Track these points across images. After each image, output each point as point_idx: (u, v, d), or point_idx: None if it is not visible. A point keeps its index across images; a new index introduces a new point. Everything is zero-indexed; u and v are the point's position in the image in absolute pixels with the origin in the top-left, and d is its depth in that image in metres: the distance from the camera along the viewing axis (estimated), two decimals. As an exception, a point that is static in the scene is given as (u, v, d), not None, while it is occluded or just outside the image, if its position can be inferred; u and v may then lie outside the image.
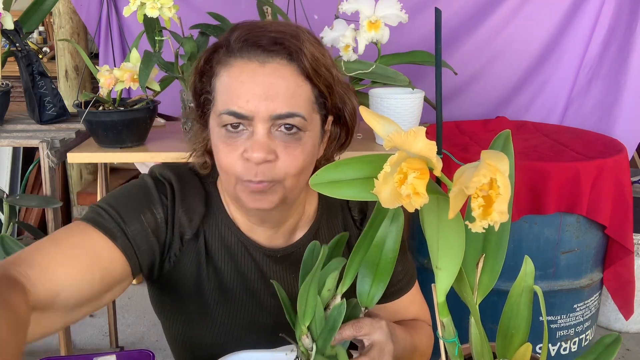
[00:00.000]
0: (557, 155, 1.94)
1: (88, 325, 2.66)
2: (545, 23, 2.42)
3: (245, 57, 0.86)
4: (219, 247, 1.01)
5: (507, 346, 0.77)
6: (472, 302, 0.72)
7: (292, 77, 0.86)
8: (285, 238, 1.04)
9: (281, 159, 0.87)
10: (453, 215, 0.61)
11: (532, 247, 1.90)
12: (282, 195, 0.90)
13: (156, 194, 0.96)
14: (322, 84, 0.89)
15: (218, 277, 1.01)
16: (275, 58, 0.86)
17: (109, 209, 0.92)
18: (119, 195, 0.96)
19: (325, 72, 0.89)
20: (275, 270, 1.03)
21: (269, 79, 0.85)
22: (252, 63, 0.86)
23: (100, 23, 2.53)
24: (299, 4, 1.91)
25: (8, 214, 1.62)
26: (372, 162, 0.69)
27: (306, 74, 0.87)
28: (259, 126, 0.86)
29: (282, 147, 0.87)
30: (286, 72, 0.86)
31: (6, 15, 1.62)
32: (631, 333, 2.60)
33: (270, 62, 0.85)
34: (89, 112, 1.64)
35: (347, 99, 0.95)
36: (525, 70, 2.49)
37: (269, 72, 0.85)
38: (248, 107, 0.85)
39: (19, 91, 1.91)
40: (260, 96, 0.84)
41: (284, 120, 0.86)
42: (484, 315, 0.79)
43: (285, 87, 0.85)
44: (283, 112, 0.85)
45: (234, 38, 0.88)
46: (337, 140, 0.99)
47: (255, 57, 0.86)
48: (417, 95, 1.77)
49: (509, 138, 0.72)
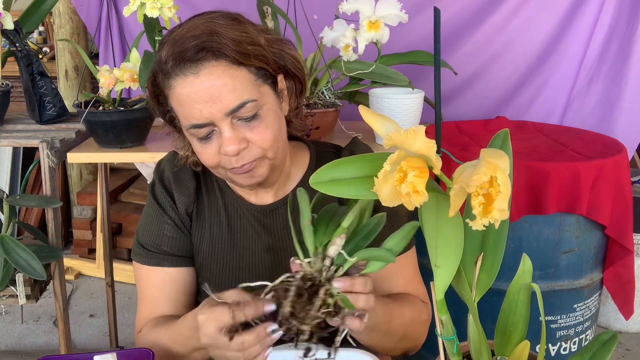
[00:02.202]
0: (557, 155, 1.94)
1: (88, 325, 2.66)
2: (545, 23, 2.42)
3: (181, 74, 0.94)
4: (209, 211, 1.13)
5: (505, 344, 0.77)
6: (470, 300, 0.72)
7: (226, 72, 0.93)
8: (276, 193, 1.13)
9: (252, 140, 0.97)
10: (453, 214, 0.62)
11: (532, 247, 1.90)
12: (269, 165, 1.01)
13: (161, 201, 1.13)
14: (255, 60, 0.95)
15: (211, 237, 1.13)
16: (204, 63, 0.93)
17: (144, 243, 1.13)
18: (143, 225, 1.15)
19: (252, 49, 0.95)
20: (266, 224, 1.12)
21: (207, 83, 0.93)
22: (188, 77, 0.93)
23: (100, 23, 2.53)
24: (299, 4, 1.91)
25: (8, 214, 1.62)
26: (372, 161, 0.69)
27: (236, 61, 0.94)
28: (221, 125, 0.95)
29: (249, 130, 0.96)
30: (218, 71, 0.93)
31: (6, 15, 1.62)
32: (631, 333, 2.60)
33: (201, 69, 0.93)
34: (89, 112, 1.64)
35: (284, 54, 1.02)
36: (525, 70, 2.49)
37: (205, 78, 0.93)
38: (204, 115, 0.94)
39: (19, 91, 1.91)
40: (208, 102, 0.93)
41: (238, 112, 0.95)
42: (483, 316, 0.79)
43: (224, 84, 0.93)
44: (234, 106, 0.94)
45: (164, 59, 0.95)
46: (295, 91, 1.06)
47: (187, 70, 0.93)
48: (417, 95, 1.77)
49: (507, 137, 0.72)
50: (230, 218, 1.13)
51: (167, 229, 1.12)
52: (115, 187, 3.24)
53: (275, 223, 1.13)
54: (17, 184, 3.18)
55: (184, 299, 1.13)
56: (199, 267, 1.14)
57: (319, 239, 0.82)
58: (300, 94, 1.08)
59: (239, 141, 0.95)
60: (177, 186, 1.13)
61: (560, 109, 2.50)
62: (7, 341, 2.56)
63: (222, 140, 0.96)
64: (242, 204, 1.13)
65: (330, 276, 0.81)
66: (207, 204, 1.14)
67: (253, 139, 0.97)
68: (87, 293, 2.94)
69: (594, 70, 2.42)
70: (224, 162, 0.99)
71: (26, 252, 1.55)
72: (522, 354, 0.77)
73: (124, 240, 3.10)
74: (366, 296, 0.83)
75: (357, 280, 0.82)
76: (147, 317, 1.12)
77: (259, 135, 0.97)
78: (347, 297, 0.81)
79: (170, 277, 1.12)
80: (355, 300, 0.82)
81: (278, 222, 1.13)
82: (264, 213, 1.12)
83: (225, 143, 0.95)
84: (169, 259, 1.12)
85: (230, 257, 1.12)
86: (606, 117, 2.38)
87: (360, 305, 0.82)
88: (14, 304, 1.65)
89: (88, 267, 3.11)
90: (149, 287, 1.13)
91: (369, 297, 0.84)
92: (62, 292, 1.71)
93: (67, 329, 1.77)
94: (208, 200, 1.14)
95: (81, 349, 2.48)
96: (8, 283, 1.61)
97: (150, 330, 1.08)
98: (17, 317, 2.72)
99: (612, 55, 2.36)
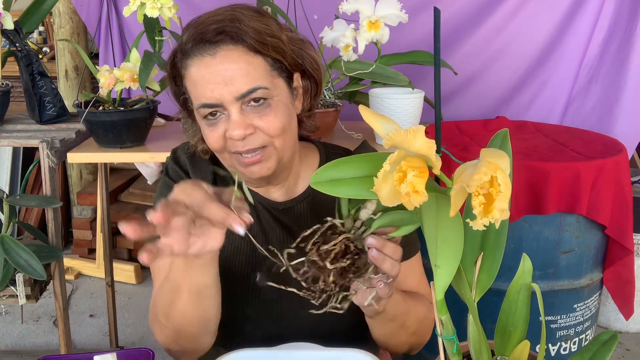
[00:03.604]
0: (557, 155, 1.94)
1: (88, 325, 2.67)
2: (545, 23, 2.42)
3: (198, 55, 0.97)
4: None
5: (505, 343, 0.77)
6: (470, 300, 0.72)
7: (242, 57, 0.96)
8: (286, 193, 1.13)
9: (260, 127, 0.98)
10: (454, 214, 0.62)
11: (532, 247, 1.90)
12: (276, 157, 1.02)
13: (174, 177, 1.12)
14: (272, 51, 0.98)
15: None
16: (222, 46, 0.95)
17: None
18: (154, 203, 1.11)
19: (271, 40, 0.97)
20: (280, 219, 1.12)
21: (222, 65, 0.95)
22: (205, 57, 0.96)
23: (100, 23, 2.53)
24: (299, 4, 1.91)
25: (8, 214, 1.63)
26: (372, 161, 0.69)
27: (254, 49, 0.96)
28: (230, 108, 0.97)
29: (257, 117, 0.98)
30: (235, 55, 0.95)
31: (6, 15, 1.62)
32: (631, 333, 2.60)
33: (218, 51, 0.95)
34: (89, 112, 1.64)
35: (304, 53, 1.04)
36: (525, 70, 2.49)
37: (220, 60, 0.95)
38: (214, 96, 0.96)
39: (19, 91, 1.91)
40: (220, 83, 0.95)
41: (249, 97, 0.96)
42: (484, 316, 0.79)
43: (239, 68, 0.95)
44: (244, 91, 0.96)
45: (185, 41, 0.98)
46: (309, 92, 1.08)
47: (205, 51, 0.96)
48: (417, 95, 1.77)
49: (506, 137, 0.72)
50: None
51: None
52: (115, 187, 3.24)
53: (287, 220, 1.12)
54: (17, 184, 3.18)
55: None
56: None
57: (353, 204, 0.82)
58: (315, 96, 1.10)
59: (246, 126, 0.97)
60: (193, 168, 1.13)
61: (560, 109, 2.50)
62: (7, 341, 2.56)
63: (229, 123, 0.97)
64: (256, 197, 1.12)
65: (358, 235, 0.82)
66: None
67: (260, 125, 0.98)
68: (87, 293, 2.94)
69: (593, 70, 2.42)
70: (229, 146, 1.00)
71: (26, 252, 1.55)
72: (522, 354, 0.77)
73: (124, 240, 3.10)
74: (393, 261, 0.83)
75: (389, 243, 0.82)
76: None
77: (266, 122, 0.98)
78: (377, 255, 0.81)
79: None
80: (382, 262, 0.82)
81: (290, 220, 1.12)
82: (277, 210, 1.13)
83: (232, 127, 0.97)
84: None
85: (244, 246, 1.11)
86: (606, 117, 2.38)
87: (386, 267, 0.82)
88: (14, 304, 1.65)
89: (88, 267, 3.11)
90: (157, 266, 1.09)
91: (395, 263, 0.83)
92: (62, 292, 1.71)
93: (67, 329, 1.77)
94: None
95: (81, 349, 2.48)
96: (8, 283, 1.62)
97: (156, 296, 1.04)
98: (17, 317, 2.72)
99: (612, 55, 2.36)
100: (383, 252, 0.82)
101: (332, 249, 0.80)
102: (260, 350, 0.98)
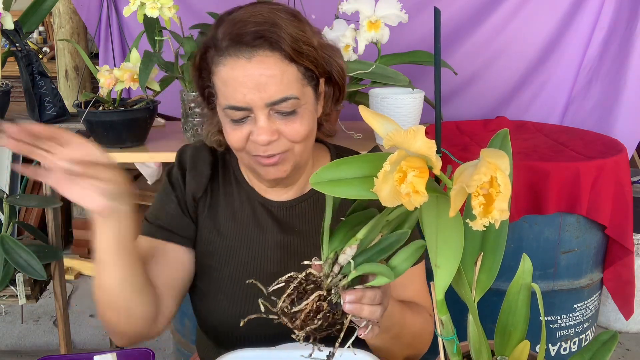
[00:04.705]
0: (557, 155, 1.94)
1: (88, 325, 2.67)
2: (545, 23, 2.42)
3: (234, 55, 0.95)
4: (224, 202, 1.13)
5: (505, 344, 0.77)
6: (470, 300, 0.73)
7: (277, 65, 0.95)
8: (295, 193, 1.14)
9: (285, 133, 0.99)
10: (454, 214, 0.62)
11: (532, 247, 1.90)
12: (293, 162, 1.03)
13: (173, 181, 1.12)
14: (306, 60, 0.98)
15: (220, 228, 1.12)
16: (259, 51, 0.95)
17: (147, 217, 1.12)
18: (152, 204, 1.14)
19: (306, 49, 0.97)
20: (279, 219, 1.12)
21: (258, 71, 0.94)
22: (240, 60, 0.95)
23: (100, 23, 2.53)
24: (299, 4, 1.91)
25: (8, 214, 1.63)
26: (372, 161, 0.69)
27: (290, 57, 0.96)
28: (258, 113, 0.97)
29: (283, 124, 0.98)
30: (271, 62, 0.95)
31: (6, 15, 1.62)
32: (631, 333, 2.60)
33: (255, 55, 0.95)
34: (89, 112, 1.64)
35: (333, 61, 1.04)
36: (525, 70, 2.48)
37: (256, 65, 0.94)
38: (245, 100, 0.95)
39: (19, 91, 1.90)
40: (253, 88, 0.95)
41: (279, 106, 0.96)
42: (484, 316, 0.79)
43: (273, 75, 0.95)
44: (276, 99, 0.96)
45: (220, 37, 0.97)
46: (332, 97, 1.08)
47: (241, 53, 0.95)
48: (417, 95, 1.77)
49: (506, 137, 0.72)
50: (244, 210, 1.12)
51: (171, 207, 1.11)
52: (115, 187, 3.24)
53: (288, 220, 1.12)
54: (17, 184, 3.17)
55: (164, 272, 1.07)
56: (208, 255, 1.12)
57: (333, 245, 0.80)
58: (337, 102, 1.10)
59: (272, 132, 0.97)
60: (191, 170, 1.12)
61: (560, 109, 2.50)
62: (7, 341, 2.56)
63: (255, 127, 0.97)
64: (256, 198, 1.13)
65: (335, 283, 0.80)
66: (222, 193, 1.13)
67: (286, 132, 0.98)
68: (87, 293, 2.94)
69: (593, 71, 2.42)
70: (250, 148, 1.00)
71: (26, 252, 1.55)
72: (522, 354, 0.77)
73: (124, 240, 3.10)
74: (372, 307, 0.82)
75: (367, 292, 0.81)
76: None
77: (292, 130, 0.98)
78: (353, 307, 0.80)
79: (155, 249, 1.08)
80: (360, 311, 0.80)
81: (291, 219, 1.12)
82: (278, 209, 1.13)
83: (259, 132, 0.97)
84: (162, 232, 1.09)
85: (240, 248, 1.11)
86: (606, 117, 2.38)
87: (365, 314, 0.81)
88: (14, 304, 1.65)
89: (88, 267, 3.11)
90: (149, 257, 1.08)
91: (375, 309, 0.82)
92: (62, 292, 1.72)
93: (67, 329, 1.78)
94: (224, 190, 1.13)
95: (81, 349, 2.49)
96: (8, 283, 1.62)
97: None
98: (17, 317, 2.72)
99: (612, 55, 2.36)
100: (361, 303, 0.80)
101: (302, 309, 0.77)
102: (260, 350, 0.98)
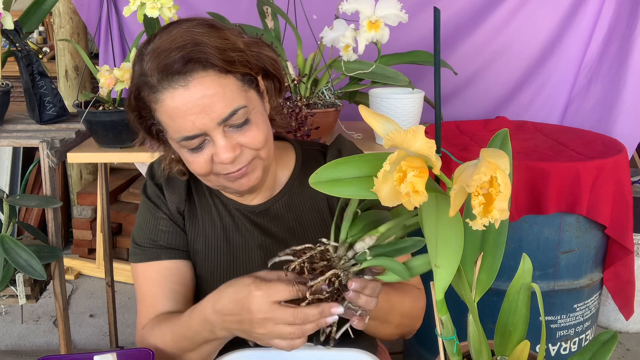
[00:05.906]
0: (557, 155, 1.94)
1: (88, 325, 2.67)
2: (545, 23, 2.42)
3: (169, 87, 0.92)
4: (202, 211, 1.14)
5: (505, 344, 0.77)
6: (470, 300, 0.72)
7: (215, 82, 0.93)
8: (266, 195, 1.14)
9: (245, 144, 0.97)
10: (454, 214, 0.62)
11: (532, 247, 1.90)
12: (262, 166, 1.02)
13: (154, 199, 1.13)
14: (240, 66, 0.95)
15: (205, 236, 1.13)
16: (193, 74, 0.92)
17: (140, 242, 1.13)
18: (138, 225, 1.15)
19: (236, 55, 0.95)
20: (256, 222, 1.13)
21: (198, 94, 0.92)
22: (177, 89, 0.92)
23: (100, 23, 2.53)
24: (299, 4, 1.91)
25: (8, 214, 1.62)
26: (372, 161, 0.69)
27: (224, 70, 0.93)
28: (214, 134, 0.95)
29: (241, 136, 0.97)
30: (208, 81, 0.92)
31: (6, 15, 1.62)
32: (631, 333, 2.60)
33: (191, 80, 0.92)
34: (89, 112, 1.64)
35: (263, 55, 1.01)
36: (525, 70, 2.49)
37: (195, 89, 0.92)
38: (196, 126, 0.93)
39: (19, 91, 1.91)
40: (200, 112, 0.92)
41: (231, 120, 0.95)
42: (484, 316, 0.79)
43: (215, 94, 0.92)
44: (226, 114, 0.94)
45: (149, 73, 0.93)
46: (274, 89, 1.07)
47: (176, 83, 0.92)
48: (417, 95, 1.77)
49: (506, 137, 0.72)
50: (222, 217, 1.14)
51: (163, 224, 1.12)
52: (115, 187, 3.24)
53: (264, 222, 1.14)
54: (17, 184, 3.18)
55: (183, 291, 1.11)
56: (194, 264, 1.14)
57: (353, 231, 0.83)
58: (280, 92, 1.09)
59: (233, 148, 0.96)
60: (167, 185, 1.13)
61: (560, 109, 2.50)
62: (7, 341, 2.56)
63: (215, 149, 0.96)
64: (231, 204, 1.14)
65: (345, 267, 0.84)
66: (198, 202, 1.14)
67: (245, 142, 0.97)
68: (87, 293, 2.94)
69: (593, 70, 2.42)
70: (217, 169, 0.99)
71: (26, 252, 1.55)
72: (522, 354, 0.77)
73: (124, 240, 3.10)
74: (369, 298, 0.86)
75: (369, 284, 0.85)
76: (147, 316, 1.10)
77: (251, 138, 0.97)
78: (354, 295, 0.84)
79: (167, 270, 1.11)
80: (357, 299, 0.84)
81: (268, 221, 1.14)
82: (254, 213, 1.14)
83: (221, 152, 0.95)
84: (165, 252, 1.12)
85: (225, 254, 1.13)
86: (606, 117, 2.38)
87: (360, 302, 0.85)
88: (14, 304, 1.65)
89: (88, 267, 3.11)
90: (146, 284, 1.11)
91: (370, 300, 0.86)
92: (62, 292, 1.71)
93: (67, 329, 1.77)
94: (199, 199, 1.15)
95: (81, 349, 2.48)
96: (8, 283, 1.61)
97: (152, 328, 1.07)
98: (17, 317, 2.72)
99: (612, 55, 2.36)
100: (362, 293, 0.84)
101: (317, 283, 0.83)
102: (260, 350, 0.98)
